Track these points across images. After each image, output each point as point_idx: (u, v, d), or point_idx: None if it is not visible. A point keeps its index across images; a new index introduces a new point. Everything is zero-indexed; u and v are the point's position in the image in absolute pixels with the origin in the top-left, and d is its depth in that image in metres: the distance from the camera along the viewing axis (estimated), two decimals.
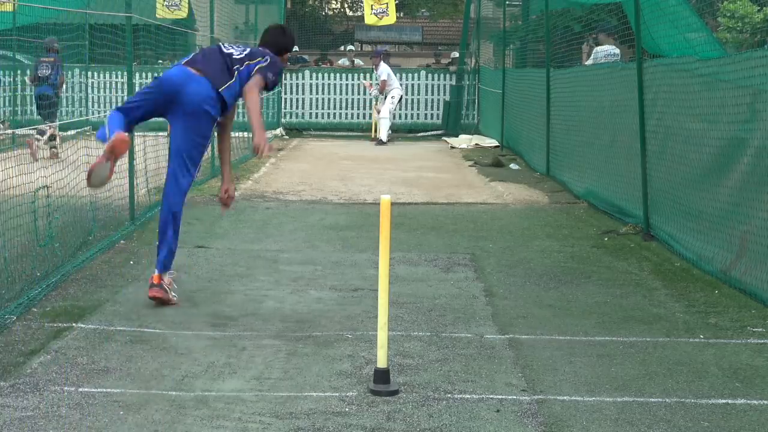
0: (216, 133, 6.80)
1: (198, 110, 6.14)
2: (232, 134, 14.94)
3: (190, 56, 6.42)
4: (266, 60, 6.32)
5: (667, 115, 8.36)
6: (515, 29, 18.26)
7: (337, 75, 22.68)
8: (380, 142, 19.42)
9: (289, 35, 6.72)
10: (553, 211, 10.53)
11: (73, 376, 4.76)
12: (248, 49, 6.44)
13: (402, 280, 7.02)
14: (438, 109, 22.57)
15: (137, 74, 18.76)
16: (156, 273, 6.16)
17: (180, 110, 6.16)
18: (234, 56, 6.31)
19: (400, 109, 22.35)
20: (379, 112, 19.92)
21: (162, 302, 6.10)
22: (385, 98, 19.89)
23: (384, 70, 19.87)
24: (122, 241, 8.22)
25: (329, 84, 22.52)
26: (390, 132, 19.95)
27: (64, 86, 16.12)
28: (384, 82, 19.83)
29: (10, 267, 6.23)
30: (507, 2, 18.06)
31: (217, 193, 11.41)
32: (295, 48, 24.77)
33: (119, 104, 6.73)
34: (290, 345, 5.38)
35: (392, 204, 4.76)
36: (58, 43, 14.10)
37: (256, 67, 6.25)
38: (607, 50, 11.98)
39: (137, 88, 10.01)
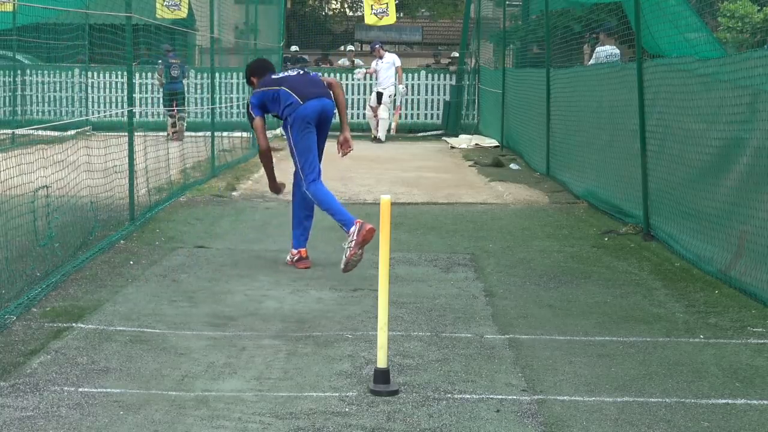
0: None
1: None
2: (235, 134, 14.83)
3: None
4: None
5: (667, 115, 8.36)
6: (515, 29, 18.26)
7: (337, 75, 22.66)
8: (379, 141, 19.64)
9: (252, 65, 7.92)
10: (553, 211, 10.53)
11: (73, 376, 4.77)
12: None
13: (402, 280, 7.02)
14: (438, 109, 22.57)
15: (137, 74, 18.78)
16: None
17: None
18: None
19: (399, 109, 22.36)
20: (373, 110, 20.04)
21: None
22: (379, 97, 19.93)
23: (396, 58, 20.12)
24: (122, 241, 8.22)
25: None
26: (389, 131, 20.18)
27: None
28: (400, 68, 20.06)
29: (11, 267, 6.23)
30: (507, 2, 18.06)
31: (218, 192, 11.46)
32: (295, 48, 24.88)
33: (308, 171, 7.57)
34: (290, 345, 5.38)
35: (392, 204, 4.76)
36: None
37: None
38: (608, 50, 12.00)
39: (137, 88, 10.01)
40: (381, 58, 20.21)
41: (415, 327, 5.78)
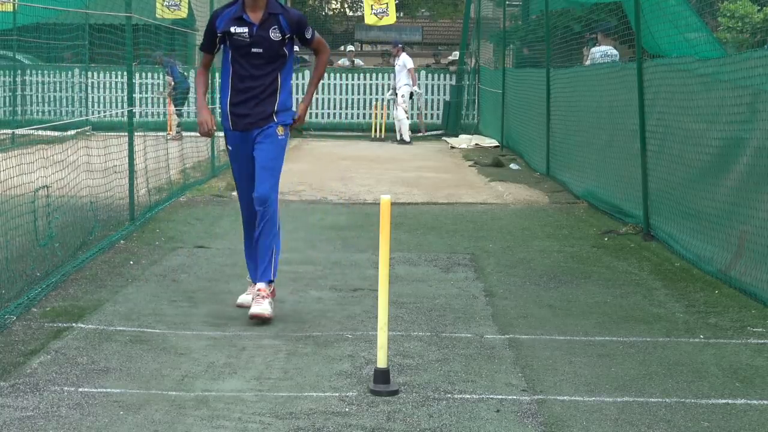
0: None
1: None
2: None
3: None
4: None
5: (667, 115, 8.36)
6: (515, 29, 18.27)
7: (337, 75, 22.69)
8: (403, 142, 19.62)
9: None
10: (553, 211, 10.53)
11: (73, 376, 4.77)
12: None
13: (402, 280, 7.02)
14: (438, 109, 22.59)
15: (137, 74, 18.78)
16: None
17: None
18: None
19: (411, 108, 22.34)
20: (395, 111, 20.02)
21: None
22: (396, 97, 19.93)
23: (410, 60, 20.08)
24: (122, 241, 8.22)
25: (329, 84, 22.53)
26: (410, 132, 20.13)
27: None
28: (411, 70, 20.02)
29: (11, 267, 6.22)
30: (507, 2, 18.06)
31: (218, 192, 11.46)
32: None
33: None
34: (290, 345, 5.38)
35: (392, 204, 4.76)
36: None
37: None
38: (603, 50, 11.99)
39: (137, 88, 10.03)
40: (397, 57, 20.22)
41: (415, 327, 5.78)
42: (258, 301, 5.85)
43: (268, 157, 5.96)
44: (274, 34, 5.92)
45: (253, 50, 5.90)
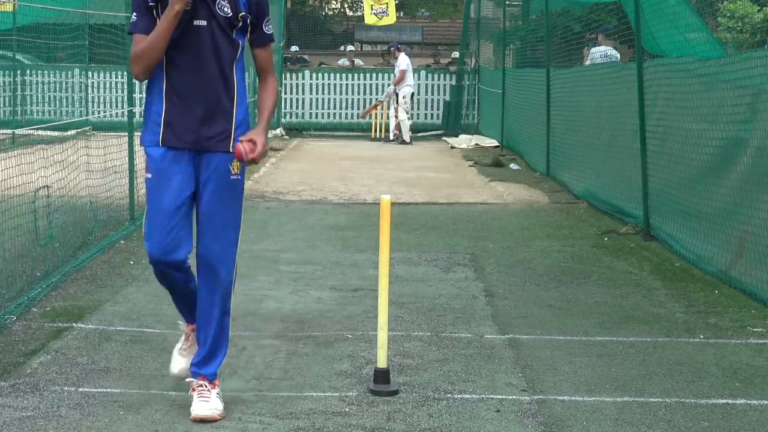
0: None
1: None
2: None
3: None
4: None
5: (667, 115, 8.36)
6: (515, 29, 18.26)
7: (337, 75, 22.69)
8: (404, 142, 19.58)
9: None
10: (553, 211, 10.53)
11: (73, 376, 4.76)
12: None
13: (402, 280, 7.02)
14: (438, 109, 22.57)
15: None
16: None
17: None
18: None
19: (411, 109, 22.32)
20: (396, 111, 19.88)
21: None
22: (397, 98, 19.84)
23: (404, 60, 19.96)
24: (122, 241, 8.22)
25: (329, 84, 22.53)
26: (410, 133, 20.01)
27: None
28: (403, 72, 19.87)
29: (11, 267, 6.22)
30: (507, 2, 18.06)
31: None
32: (296, 48, 24.84)
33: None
34: (290, 345, 5.38)
35: (392, 204, 4.76)
36: None
37: None
38: (603, 51, 11.99)
39: (137, 88, 10.05)
40: (396, 59, 20.17)
41: (415, 327, 5.78)
42: (202, 394, 4.25)
43: (221, 206, 4.25)
44: (223, 5, 4.18)
45: (195, 23, 4.13)
